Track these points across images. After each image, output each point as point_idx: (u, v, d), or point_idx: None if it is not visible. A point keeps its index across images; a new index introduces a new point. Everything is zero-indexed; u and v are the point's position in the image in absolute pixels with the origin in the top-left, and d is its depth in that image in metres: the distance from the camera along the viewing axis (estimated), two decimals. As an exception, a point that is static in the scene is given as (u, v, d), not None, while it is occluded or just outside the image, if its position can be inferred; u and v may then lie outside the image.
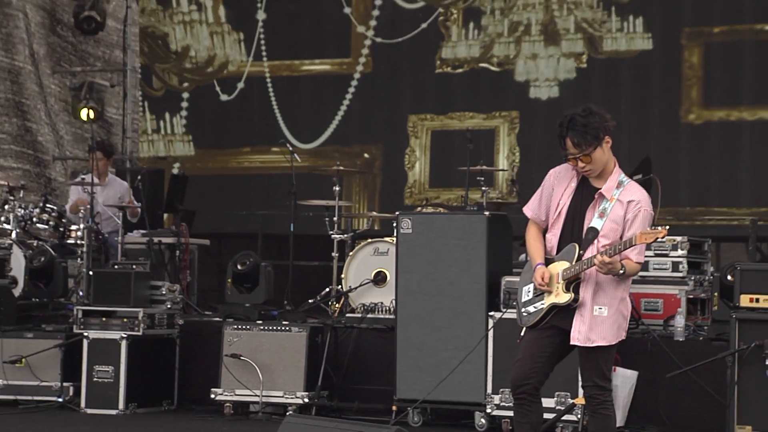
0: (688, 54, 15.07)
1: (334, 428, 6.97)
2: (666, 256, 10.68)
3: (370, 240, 12.34)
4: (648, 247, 7.83)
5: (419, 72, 16.36)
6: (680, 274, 10.91)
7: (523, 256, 11.34)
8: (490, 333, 10.24)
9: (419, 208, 11.95)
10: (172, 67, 17.64)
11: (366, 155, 16.62)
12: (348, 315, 11.89)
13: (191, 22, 17.51)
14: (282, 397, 11.02)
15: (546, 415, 8.55)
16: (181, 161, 17.29)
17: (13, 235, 12.76)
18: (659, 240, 7.27)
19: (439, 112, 16.30)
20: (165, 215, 15.07)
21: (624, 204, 7.00)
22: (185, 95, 17.58)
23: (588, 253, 6.94)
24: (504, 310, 10.22)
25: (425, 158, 16.36)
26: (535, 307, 7.23)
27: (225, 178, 17.47)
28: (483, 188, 12.18)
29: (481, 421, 10.26)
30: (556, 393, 9.40)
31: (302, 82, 17.19)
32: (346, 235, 12.68)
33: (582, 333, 7.03)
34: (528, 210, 7.43)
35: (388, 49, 16.41)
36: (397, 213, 11.39)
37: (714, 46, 15.06)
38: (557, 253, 7.21)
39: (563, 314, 7.11)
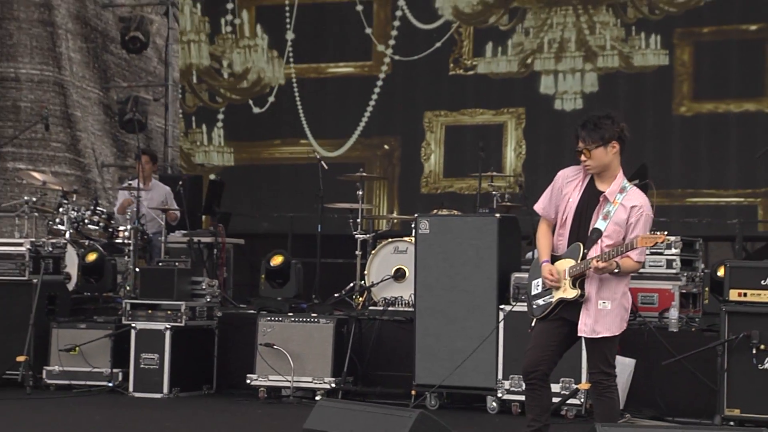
0: (680, 52, 15.15)
1: (362, 411, 7.02)
2: (661, 254, 10.62)
3: (390, 239, 12.36)
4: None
5: (434, 78, 16.35)
6: (674, 271, 10.84)
7: (529, 254, 11.31)
8: (501, 324, 10.23)
9: (435, 211, 11.86)
10: (213, 82, 17.55)
11: (386, 146, 16.61)
12: (371, 308, 11.90)
13: (229, 41, 17.48)
14: (311, 382, 11.00)
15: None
16: (217, 168, 17.23)
17: (67, 235, 12.74)
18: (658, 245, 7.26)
19: (452, 109, 16.25)
20: (204, 217, 15.03)
21: (627, 208, 7.03)
22: (222, 108, 17.49)
23: (592, 253, 6.99)
24: (513, 303, 10.24)
25: (440, 151, 16.35)
26: (544, 300, 7.30)
27: (258, 183, 17.41)
28: (494, 193, 12.11)
29: (492, 404, 10.26)
30: (561, 379, 9.33)
31: (328, 83, 17.15)
32: (368, 235, 12.69)
33: (588, 325, 7.07)
34: (539, 208, 7.45)
35: (406, 64, 16.38)
36: (416, 215, 11.32)
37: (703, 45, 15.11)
38: (566, 251, 7.22)
39: (570, 307, 7.15)
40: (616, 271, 6.94)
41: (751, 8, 14.72)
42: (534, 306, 7.32)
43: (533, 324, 7.36)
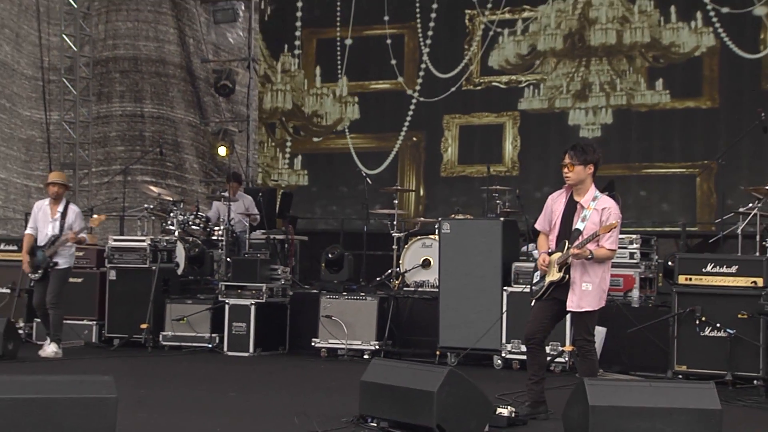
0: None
1: (406, 368, 7.03)
2: (625, 248, 10.56)
3: (419, 237, 12.34)
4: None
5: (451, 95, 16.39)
6: (635, 261, 10.81)
7: (524, 248, 11.35)
8: (504, 302, 10.26)
9: (453, 216, 11.83)
10: (296, 121, 17.69)
11: (414, 139, 16.56)
12: (404, 289, 11.87)
13: (298, 85, 17.54)
14: (360, 344, 11.05)
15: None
16: (292, 187, 17.24)
17: (176, 233, 12.81)
18: (616, 232, 7.27)
19: (464, 113, 16.25)
20: (278, 220, 15.04)
21: (599, 211, 7.16)
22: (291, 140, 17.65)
23: (573, 248, 7.05)
24: (514, 286, 10.26)
25: (455, 144, 16.30)
26: (540, 286, 7.37)
27: (322, 194, 17.41)
28: (498, 202, 12.10)
29: (498, 362, 10.31)
30: (551, 343, 9.23)
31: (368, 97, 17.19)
32: (402, 234, 12.60)
33: (574, 302, 7.17)
34: (538, 225, 7.61)
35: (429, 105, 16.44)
36: (439, 219, 11.43)
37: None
38: (556, 248, 7.30)
39: (560, 289, 7.24)
40: (589, 257, 7.00)
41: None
42: (533, 290, 7.43)
43: (533, 303, 7.44)
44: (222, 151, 16.76)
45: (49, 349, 10.56)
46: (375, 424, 6.66)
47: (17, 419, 5.24)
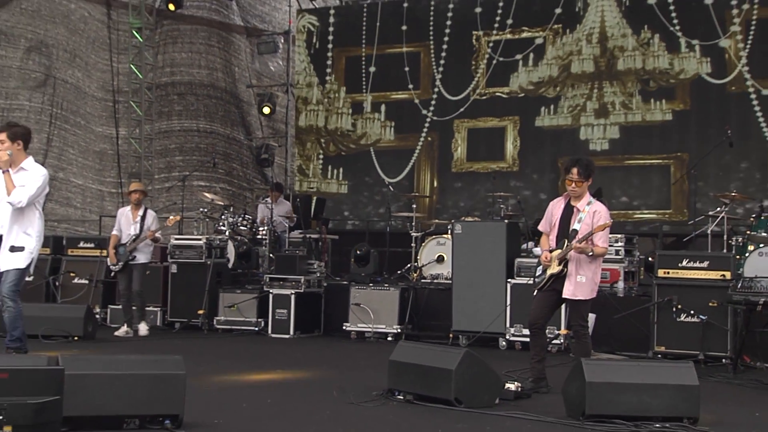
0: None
1: (428, 349, 7.07)
2: (611, 246, 10.48)
3: (434, 236, 12.27)
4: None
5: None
6: (620, 257, 10.81)
7: (524, 245, 11.33)
8: (508, 292, 10.27)
9: (463, 218, 11.81)
10: (338, 137, 17.60)
11: (429, 138, 16.47)
12: (422, 281, 11.84)
13: (331, 103, 17.51)
14: (384, 328, 11.07)
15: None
16: (330, 195, 17.25)
17: (227, 233, 12.84)
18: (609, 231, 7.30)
19: (471, 118, 16.17)
20: (312, 221, 15.07)
21: (592, 213, 7.18)
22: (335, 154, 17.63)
23: (572, 244, 7.08)
24: (516, 278, 10.26)
25: (464, 144, 16.23)
26: (542, 278, 7.37)
27: (355, 200, 17.34)
28: (501, 206, 12.06)
29: (502, 343, 10.28)
30: (549, 327, 9.25)
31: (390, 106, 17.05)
32: (419, 233, 12.59)
33: (570, 291, 7.18)
34: (541, 227, 7.62)
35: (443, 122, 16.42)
36: (452, 221, 11.38)
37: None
38: (556, 246, 7.30)
39: (559, 281, 7.25)
40: (590, 253, 7.05)
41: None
42: (537, 280, 7.43)
43: (535, 293, 7.45)
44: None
45: (142, 327, 11.02)
46: (402, 397, 6.68)
47: (104, 392, 5.31)
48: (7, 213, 7.29)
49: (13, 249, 7.28)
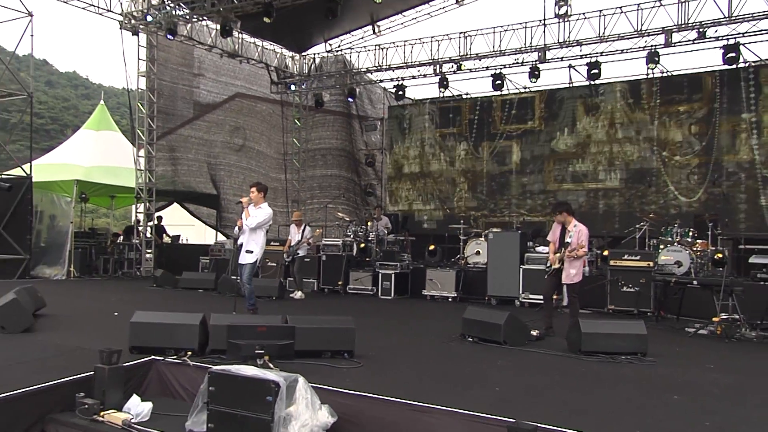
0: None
1: (485, 309, 6.97)
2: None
3: (475, 238, 12.02)
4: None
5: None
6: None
7: (530, 243, 10.89)
8: (521, 274, 10.12)
9: (494, 229, 11.46)
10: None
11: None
12: (467, 266, 11.50)
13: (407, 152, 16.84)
14: (446, 294, 10.91)
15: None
16: (405, 210, 16.53)
17: (352, 236, 12.55)
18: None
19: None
20: (401, 230, 14.95)
21: (577, 232, 6.93)
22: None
23: (566, 251, 6.87)
24: (526, 265, 10.10)
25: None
26: (550, 269, 7.11)
27: (420, 214, 16.66)
28: (514, 221, 11.81)
29: (517, 303, 10.12)
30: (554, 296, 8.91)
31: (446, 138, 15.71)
32: (465, 237, 12.31)
33: (566, 278, 6.97)
34: (549, 238, 7.33)
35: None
36: (486, 231, 11.22)
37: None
38: (557, 251, 7.09)
39: (559, 272, 7.01)
40: (576, 256, 6.87)
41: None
42: (547, 271, 7.22)
43: (546, 276, 7.24)
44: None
45: (298, 294, 10.94)
46: (471, 339, 6.50)
47: (314, 337, 5.36)
48: (248, 231, 7.48)
49: (247, 252, 7.43)
